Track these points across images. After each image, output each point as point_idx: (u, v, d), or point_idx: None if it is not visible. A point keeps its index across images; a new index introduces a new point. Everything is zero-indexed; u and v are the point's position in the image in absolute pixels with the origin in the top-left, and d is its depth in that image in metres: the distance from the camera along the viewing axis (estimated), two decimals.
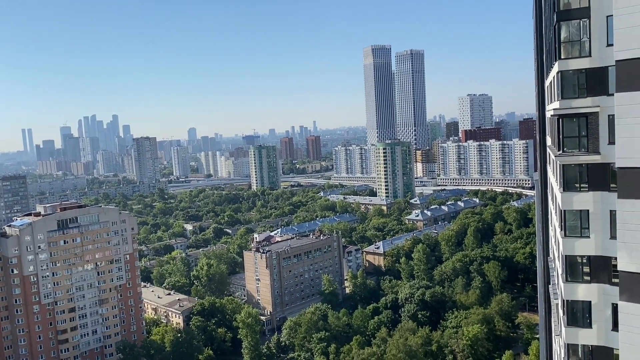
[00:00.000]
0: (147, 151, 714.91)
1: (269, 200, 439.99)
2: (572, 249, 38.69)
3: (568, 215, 38.61)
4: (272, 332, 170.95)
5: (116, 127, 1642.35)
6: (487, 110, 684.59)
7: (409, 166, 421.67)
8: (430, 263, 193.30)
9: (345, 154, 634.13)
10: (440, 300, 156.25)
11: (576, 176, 38.13)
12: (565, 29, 37.58)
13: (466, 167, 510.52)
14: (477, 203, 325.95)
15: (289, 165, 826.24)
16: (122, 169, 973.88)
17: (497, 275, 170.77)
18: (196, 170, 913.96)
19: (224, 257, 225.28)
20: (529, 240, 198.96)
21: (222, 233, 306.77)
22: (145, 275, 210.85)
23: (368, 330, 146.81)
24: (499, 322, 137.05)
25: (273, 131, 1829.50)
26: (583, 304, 38.69)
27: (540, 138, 63.32)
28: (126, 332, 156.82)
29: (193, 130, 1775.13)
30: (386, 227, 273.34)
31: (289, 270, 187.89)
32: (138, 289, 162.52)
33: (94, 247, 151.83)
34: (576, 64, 37.13)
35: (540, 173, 65.07)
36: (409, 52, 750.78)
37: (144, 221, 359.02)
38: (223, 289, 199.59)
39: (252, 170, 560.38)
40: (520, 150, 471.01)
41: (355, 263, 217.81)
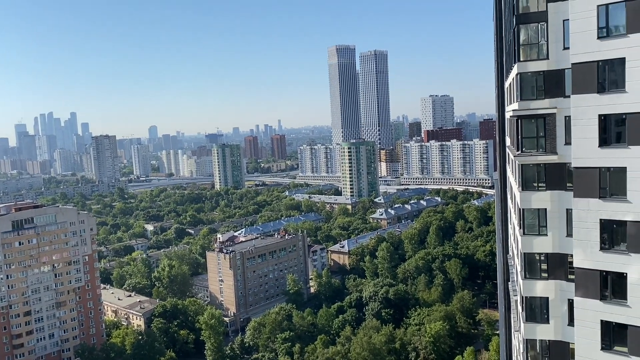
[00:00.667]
0: (107, 150, 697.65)
1: (232, 200, 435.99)
2: (530, 246, 39.65)
3: (526, 213, 39.56)
4: (235, 333, 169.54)
5: (74, 125, 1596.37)
6: (448, 111, 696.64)
7: (373, 165, 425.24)
8: (394, 261, 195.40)
9: (310, 153, 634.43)
10: (404, 298, 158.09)
11: (534, 176, 39.09)
12: (524, 32, 38.49)
13: (428, 166, 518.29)
14: (439, 202, 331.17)
15: (254, 165, 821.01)
16: (80, 168, 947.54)
17: (459, 273, 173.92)
18: (157, 169, 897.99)
19: (186, 257, 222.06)
20: (489, 238, 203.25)
21: (184, 233, 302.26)
22: (105, 276, 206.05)
23: (332, 329, 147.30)
24: (461, 319, 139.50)
25: (237, 130, 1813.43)
26: (541, 300, 39.70)
27: (500, 138, 64.68)
28: (85, 336, 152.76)
29: (154, 129, 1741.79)
30: (351, 226, 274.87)
31: (253, 271, 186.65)
32: (97, 291, 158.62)
33: (51, 248, 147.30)
34: (534, 66, 38.07)
35: (499, 172, 66.45)
36: (372, 53, 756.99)
37: (104, 221, 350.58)
38: (185, 290, 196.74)
39: (215, 169, 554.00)
40: (481, 150, 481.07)
41: (320, 262, 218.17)
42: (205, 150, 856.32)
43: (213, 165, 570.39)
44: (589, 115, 32.30)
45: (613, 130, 31.79)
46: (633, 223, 31.24)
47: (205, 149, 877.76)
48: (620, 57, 30.80)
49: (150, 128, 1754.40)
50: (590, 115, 32.25)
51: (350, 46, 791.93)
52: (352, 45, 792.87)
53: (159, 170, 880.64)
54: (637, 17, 29.98)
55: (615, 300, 32.29)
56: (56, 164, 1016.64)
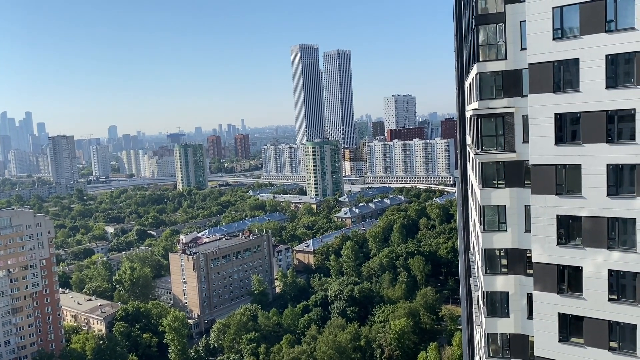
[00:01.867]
0: (64, 150, 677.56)
1: (195, 200, 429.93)
2: (490, 242, 40.55)
3: (486, 210, 40.43)
4: (200, 335, 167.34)
5: (30, 125, 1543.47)
6: (411, 111, 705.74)
7: (337, 165, 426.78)
8: (359, 259, 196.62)
9: (274, 153, 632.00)
10: (369, 295, 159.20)
11: (494, 173, 39.99)
12: (483, 33, 39.30)
13: (392, 165, 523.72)
14: (402, 200, 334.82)
15: (217, 165, 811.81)
16: (36, 170, 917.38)
17: (422, 270, 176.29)
18: (117, 170, 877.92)
19: (148, 260, 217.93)
20: (451, 235, 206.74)
21: (146, 235, 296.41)
22: (64, 280, 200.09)
23: (298, 328, 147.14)
24: (424, 315, 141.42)
25: (200, 129, 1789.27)
26: (501, 295, 40.66)
27: (461, 137, 65.78)
28: (43, 342, 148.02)
29: (114, 128, 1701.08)
30: (316, 226, 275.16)
31: (218, 272, 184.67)
32: (56, 296, 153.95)
33: (6, 252, 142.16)
34: (493, 66, 38.93)
35: (460, 171, 67.60)
36: (335, 52, 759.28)
37: (62, 224, 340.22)
38: (148, 293, 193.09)
39: (177, 170, 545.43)
40: (442, 149, 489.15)
41: (285, 262, 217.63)
42: (167, 151, 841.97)
43: (175, 166, 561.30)
44: (545, 114, 33.25)
45: (568, 128, 32.83)
46: (588, 218, 32.32)
47: (167, 149, 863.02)
48: (575, 58, 31.81)
49: (110, 128, 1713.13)
50: (546, 114, 33.21)
51: (313, 45, 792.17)
52: (315, 45, 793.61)
53: (119, 171, 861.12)
54: (589, 19, 31.00)
55: (571, 294, 33.37)
56: (11, 165, 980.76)
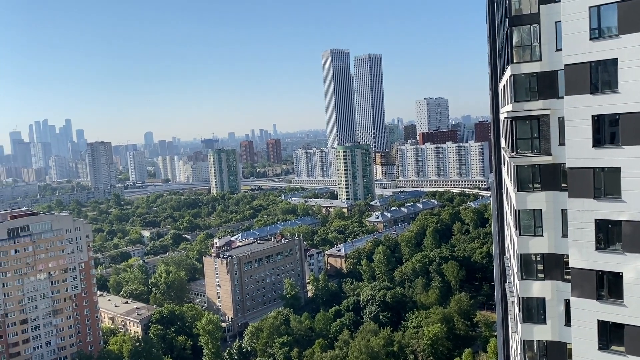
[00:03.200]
0: (102, 156, 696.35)
1: (229, 205, 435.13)
2: (526, 247, 39.76)
3: (522, 214, 39.67)
4: (233, 338, 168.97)
5: (69, 132, 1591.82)
6: (443, 113, 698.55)
7: (368, 169, 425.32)
8: (391, 264, 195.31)
9: (305, 157, 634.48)
10: (401, 300, 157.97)
11: (529, 177, 39.23)
12: (517, 34, 38.69)
13: (424, 169, 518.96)
14: (435, 204, 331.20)
15: (250, 169, 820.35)
16: (76, 175, 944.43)
17: (456, 275, 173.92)
18: (153, 175, 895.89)
19: (183, 263, 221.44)
20: (485, 240, 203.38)
21: (181, 239, 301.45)
22: (102, 283, 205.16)
23: (330, 333, 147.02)
24: (458, 321, 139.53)
25: (233, 135, 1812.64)
26: (537, 301, 39.78)
27: (495, 140, 64.83)
28: (82, 343, 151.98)
29: (150, 134, 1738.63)
30: (347, 230, 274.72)
31: (250, 275, 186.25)
32: (94, 298, 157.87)
33: (47, 256, 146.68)
34: (528, 67, 38.27)
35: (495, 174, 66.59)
36: (367, 57, 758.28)
37: (100, 228, 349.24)
38: (182, 296, 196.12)
39: (211, 175, 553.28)
40: (476, 152, 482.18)
41: (317, 266, 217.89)
42: (202, 156, 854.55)
43: (209, 171, 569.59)
44: (582, 116, 32.49)
45: (607, 130, 31.98)
46: (628, 223, 31.38)
47: (202, 155, 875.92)
48: (613, 58, 31.01)
49: (146, 134, 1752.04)
50: (583, 116, 32.45)
51: (344, 50, 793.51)
52: (346, 49, 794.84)
53: (155, 176, 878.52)
54: (628, 17, 30.20)
55: (611, 300, 32.41)
56: (51, 171, 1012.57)
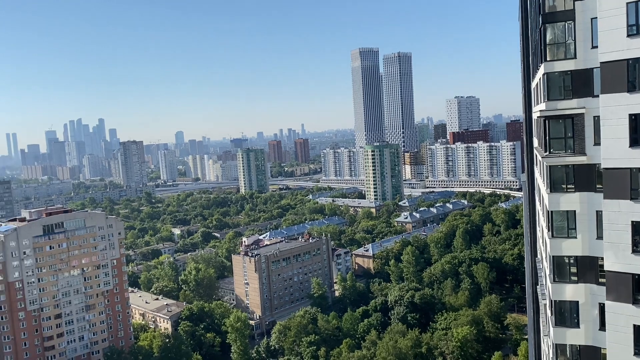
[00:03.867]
0: (134, 155, 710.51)
1: (257, 204, 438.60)
2: (559, 249, 38.90)
3: (555, 216, 38.83)
4: (261, 336, 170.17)
5: (102, 131, 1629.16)
6: (474, 112, 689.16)
7: (397, 168, 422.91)
8: (420, 265, 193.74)
9: (333, 157, 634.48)
10: (430, 302, 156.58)
11: (563, 177, 38.36)
12: (550, 32, 37.86)
13: (454, 169, 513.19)
14: (465, 205, 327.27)
15: (278, 169, 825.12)
16: (108, 174, 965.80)
17: (486, 277, 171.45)
18: (184, 174, 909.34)
19: (212, 261, 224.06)
20: (517, 242, 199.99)
21: (210, 237, 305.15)
22: (133, 280, 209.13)
23: (358, 333, 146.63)
24: (488, 324, 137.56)
25: (261, 134, 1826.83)
26: (571, 304, 38.90)
27: (527, 140, 63.65)
28: (113, 338, 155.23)
29: (180, 134, 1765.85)
30: (375, 230, 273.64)
31: (278, 274, 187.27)
32: (125, 294, 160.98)
33: (81, 252, 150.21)
34: (562, 65, 37.41)
35: (527, 174, 65.38)
36: (396, 55, 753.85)
37: (131, 225, 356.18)
38: (211, 294, 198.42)
39: (240, 174, 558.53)
40: (508, 152, 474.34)
41: (344, 266, 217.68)
42: (231, 155, 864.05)
43: (238, 170, 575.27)
44: (619, 115, 31.61)
45: None
46: None
47: (231, 154, 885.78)
48: None
49: (177, 133, 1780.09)
50: (620, 115, 31.56)
51: (373, 49, 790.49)
52: (376, 48, 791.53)
53: (186, 175, 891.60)
54: None
55: None
56: (85, 170, 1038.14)
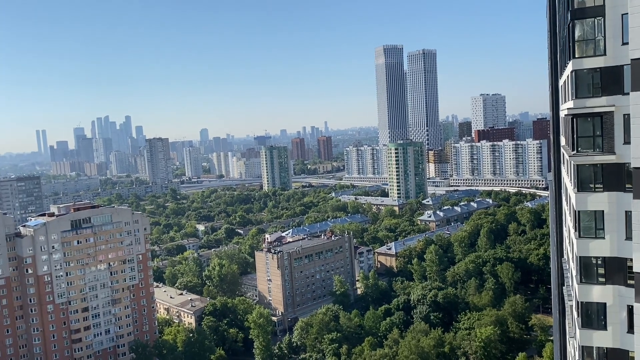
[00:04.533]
0: (160, 152, 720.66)
1: (280, 201, 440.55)
2: (586, 250, 38.20)
3: (582, 215, 38.14)
4: (283, 332, 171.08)
5: (129, 128, 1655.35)
6: (500, 110, 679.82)
7: (421, 166, 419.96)
8: (443, 264, 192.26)
9: (356, 155, 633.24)
10: (453, 301, 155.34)
11: (591, 176, 37.64)
12: (579, 28, 37.12)
13: (479, 167, 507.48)
14: (490, 204, 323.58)
15: (300, 166, 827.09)
16: (134, 170, 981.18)
17: (511, 277, 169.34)
18: (208, 170, 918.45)
19: (235, 257, 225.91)
20: (542, 242, 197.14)
21: (234, 233, 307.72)
22: (158, 275, 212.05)
23: (380, 331, 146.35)
24: (513, 324, 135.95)
25: (284, 132, 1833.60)
26: (598, 306, 38.19)
27: (554, 138, 62.61)
28: (139, 332, 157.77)
29: (205, 131, 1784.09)
30: (398, 228, 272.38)
31: (300, 271, 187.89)
32: (150, 289, 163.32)
33: (107, 247, 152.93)
34: (591, 62, 36.66)
35: (554, 173, 64.36)
36: (421, 52, 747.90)
37: (157, 221, 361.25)
38: (235, 289, 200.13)
39: (263, 171, 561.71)
40: (534, 150, 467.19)
41: (366, 264, 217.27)
42: (254, 152, 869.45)
43: (261, 167, 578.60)
44: None
45: None
46: None
47: (254, 151, 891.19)
48: None
49: (202, 131, 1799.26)
50: None
51: (397, 46, 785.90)
52: (400, 45, 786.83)
53: (210, 172, 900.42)
54: None
55: None
56: (112, 166, 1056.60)
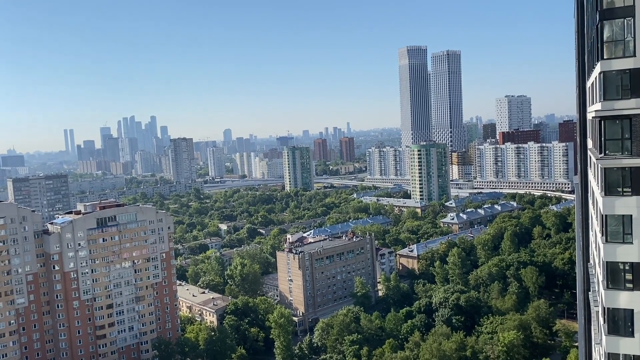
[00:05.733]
0: (184, 152, 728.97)
1: (302, 201, 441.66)
2: (613, 255, 37.48)
3: (610, 220, 37.44)
4: (304, 333, 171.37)
5: (154, 128, 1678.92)
6: (525, 112, 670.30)
7: (444, 168, 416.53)
8: (466, 267, 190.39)
9: (379, 156, 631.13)
10: (475, 305, 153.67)
11: (619, 180, 36.94)
12: (608, 28, 36.47)
13: (503, 169, 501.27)
14: (514, 207, 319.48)
15: (322, 167, 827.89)
16: (159, 169, 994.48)
17: (535, 281, 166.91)
18: (231, 170, 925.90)
19: (257, 257, 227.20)
20: (568, 246, 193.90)
21: (256, 233, 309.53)
22: (181, 273, 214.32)
23: (401, 334, 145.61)
24: (536, 329, 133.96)
25: (307, 132, 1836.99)
26: (625, 312, 37.45)
27: (581, 140, 61.56)
28: (161, 330, 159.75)
29: (228, 132, 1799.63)
30: (420, 230, 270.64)
31: (322, 272, 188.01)
32: (173, 287, 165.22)
33: (132, 245, 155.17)
34: (620, 64, 35.99)
35: (580, 176, 63.27)
36: (445, 53, 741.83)
37: (180, 220, 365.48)
38: (256, 289, 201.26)
39: (285, 171, 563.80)
40: (560, 153, 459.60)
41: (388, 266, 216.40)
42: (277, 153, 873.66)
43: (283, 168, 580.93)
44: None
45: None
46: None
47: (277, 152, 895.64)
48: None
49: (225, 131, 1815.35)
50: None
51: (421, 47, 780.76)
52: (424, 46, 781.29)
53: (233, 172, 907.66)
54: None
55: None
56: (137, 165, 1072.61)
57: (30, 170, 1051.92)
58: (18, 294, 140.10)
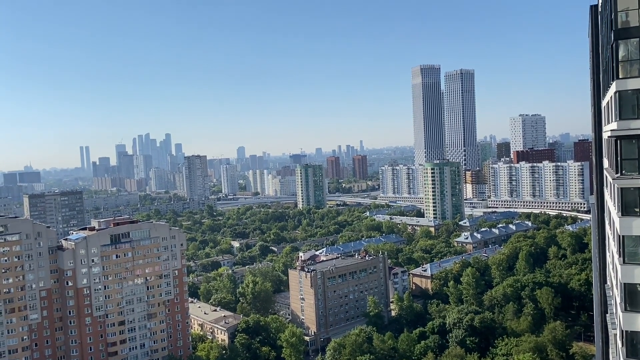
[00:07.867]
0: (198, 169, 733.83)
1: (314, 219, 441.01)
2: (631, 276, 36.77)
3: (627, 240, 36.82)
4: (315, 352, 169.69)
5: (168, 146, 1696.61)
6: (540, 131, 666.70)
7: (458, 187, 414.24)
8: (480, 287, 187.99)
9: (392, 174, 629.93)
10: (490, 326, 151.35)
11: (636, 200, 36.41)
12: (623, 48, 36.31)
13: (518, 189, 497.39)
14: (529, 226, 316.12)
15: (335, 185, 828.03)
16: (173, 186, 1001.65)
17: (551, 302, 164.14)
18: (244, 188, 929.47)
19: (269, 275, 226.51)
20: (584, 267, 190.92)
21: (268, 251, 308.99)
22: (193, 290, 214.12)
23: (414, 354, 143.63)
24: (552, 352, 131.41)
25: (320, 150, 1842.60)
26: None
27: (597, 160, 60.97)
28: (173, 347, 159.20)
29: (242, 149, 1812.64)
30: (434, 249, 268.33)
31: (334, 291, 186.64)
32: (185, 305, 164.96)
33: (145, 262, 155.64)
34: (635, 83, 35.75)
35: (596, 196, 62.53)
36: (458, 72, 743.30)
37: (193, 237, 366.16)
38: (268, 307, 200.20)
39: (298, 189, 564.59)
40: (575, 172, 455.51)
41: (401, 285, 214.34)
42: (289, 170, 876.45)
43: (296, 185, 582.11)
44: None
45: None
46: None
47: (289, 169, 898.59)
48: None
49: (239, 149, 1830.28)
50: None
51: (435, 66, 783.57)
52: (437, 65, 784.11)
53: (246, 189, 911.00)
54: None
55: None
56: (151, 182, 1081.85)
57: (46, 186, 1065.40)
58: (31, 309, 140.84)
